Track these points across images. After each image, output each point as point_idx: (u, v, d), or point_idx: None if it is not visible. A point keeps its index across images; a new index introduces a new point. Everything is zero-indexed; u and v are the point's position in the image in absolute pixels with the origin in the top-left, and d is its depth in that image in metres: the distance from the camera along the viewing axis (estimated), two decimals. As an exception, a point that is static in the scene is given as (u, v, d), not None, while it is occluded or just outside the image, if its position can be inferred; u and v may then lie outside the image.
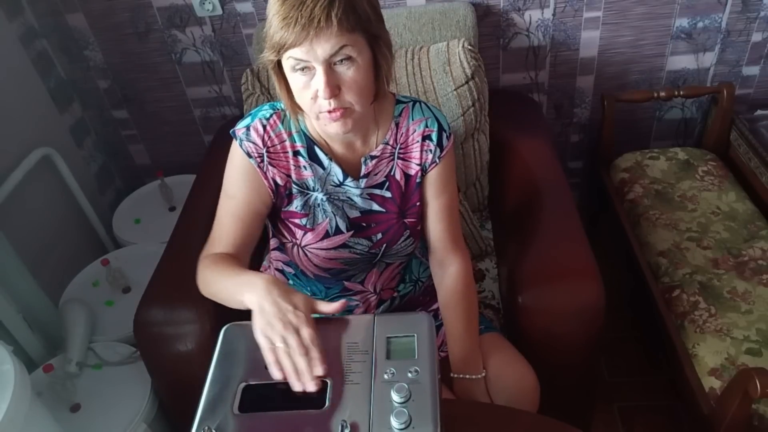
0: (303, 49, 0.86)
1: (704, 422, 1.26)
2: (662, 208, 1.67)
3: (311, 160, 1.04)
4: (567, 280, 1.21)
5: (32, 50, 1.75)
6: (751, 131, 1.75)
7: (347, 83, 0.90)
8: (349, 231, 1.09)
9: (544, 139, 1.60)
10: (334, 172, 1.05)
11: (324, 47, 0.86)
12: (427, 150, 1.07)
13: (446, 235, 1.13)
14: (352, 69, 0.89)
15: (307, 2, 0.84)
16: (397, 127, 1.07)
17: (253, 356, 0.79)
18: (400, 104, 1.08)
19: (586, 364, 1.29)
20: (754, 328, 1.32)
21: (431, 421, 0.69)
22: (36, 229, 1.70)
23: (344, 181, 1.05)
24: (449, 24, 1.59)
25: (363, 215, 1.09)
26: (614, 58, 1.83)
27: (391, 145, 1.07)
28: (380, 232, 1.10)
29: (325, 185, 1.06)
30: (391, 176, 1.08)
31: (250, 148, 1.01)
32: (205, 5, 1.72)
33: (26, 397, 1.11)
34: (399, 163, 1.08)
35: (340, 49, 0.87)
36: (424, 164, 1.08)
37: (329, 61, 0.87)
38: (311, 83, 0.89)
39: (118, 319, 1.60)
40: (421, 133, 1.07)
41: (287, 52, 0.87)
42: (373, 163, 1.06)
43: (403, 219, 1.11)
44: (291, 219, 1.07)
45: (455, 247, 1.14)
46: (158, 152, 2.06)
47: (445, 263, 1.14)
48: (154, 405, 1.43)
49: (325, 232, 1.08)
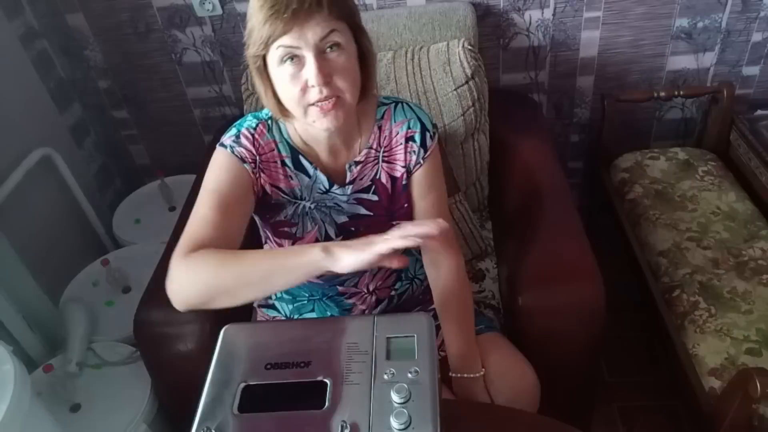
0: (293, 35, 0.85)
1: (704, 422, 1.26)
2: (662, 208, 1.67)
3: (296, 169, 1.03)
4: (567, 280, 1.21)
5: (32, 50, 1.75)
6: (751, 131, 1.75)
7: (338, 69, 0.89)
8: (339, 237, 1.08)
9: (544, 139, 1.60)
10: (320, 179, 1.04)
11: (315, 30, 0.86)
12: (411, 151, 1.06)
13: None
14: (342, 56, 0.89)
15: None
16: (379, 130, 1.06)
17: (253, 356, 0.79)
18: (382, 106, 1.07)
19: (586, 364, 1.29)
20: (754, 328, 1.32)
21: (431, 421, 0.69)
22: (36, 229, 1.69)
23: (330, 188, 1.05)
24: (449, 24, 1.59)
25: (351, 219, 1.08)
26: (614, 58, 1.83)
27: (375, 148, 1.06)
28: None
29: (312, 193, 1.05)
30: (377, 179, 1.08)
31: (243, 153, 0.99)
32: (205, 5, 1.72)
33: (26, 397, 1.11)
34: (384, 166, 1.07)
35: (330, 33, 0.87)
36: (408, 165, 1.07)
37: (319, 47, 0.87)
38: (301, 74, 0.88)
39: (118, 319, 1.59)
40: (404, 135, 1.06)
41: (276, 41, 0.87)
42: (358, 168, 1.06)
43: (391, 222, 1.09)
44: (281, 228, 1.07)
45: (446, 245, 1.13)
46: (158, 152, 2.06)
47: (437, 262, 1.14)
48: (154, 405, 1.43)
49: (315, 241, 1.07)
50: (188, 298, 0.87)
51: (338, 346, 0.79)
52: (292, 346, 0.80)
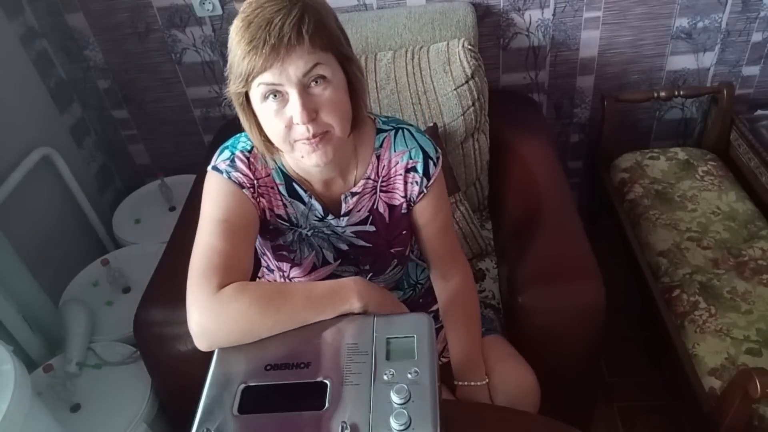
0: (274, 71, 0.80)
1: (704, 422, 1.26)
2: (662, 208, 1.67)
3: (291, 197, 0.99)
4: (567, 280, 1.21)
5: (32, 50, 1.75)
6: (751, 131, 1.75)
7: (324, 104, 0.84)
8: (337, 260, 1.07)
9: (544, 139, 1.60)
10: (315, 208, 1.00)
11: (297, 65, 0.80)
12: (413, 182, 1.01)
13: (446, 251, 1.12)
14: (328, 89, 0.84)
15: (275, 21, 0.78)
16: (378, 160, 1.00)
17: (253, 357, 0.79)
18: (381, 133, 1.01)
19: (586, 364, 1.29)
20: (754, 328, 1.32)
21: (431, 422, 0.69)
22: (36, 229, 1.69)
23: (325, 216, 1.02)
24: (449, 24, 1.59)
25: (350, 248, 1.06)
26: (614, 58, 1.83)
27: (373, 179, 1.01)
28: (368, 264, 1.09)
29: (308, 221, 1.02)
30: (375, 209, 1.03)
31: (240, 179, 0.94)
32: (205, 5, 1.72)
33: (26, 397, 1.11)
34: (381, 195, 1.03)
35: (314, 67, 0.81)
36: (410, 197, 1.03)
37: (303, 82, 0.82)
38: (284, 110, 0.83)
39: (118, 319, 1.60)
40: (404, 166, 1.00)
41: (256, 78, 0.81)
42: (354, 200, 1.01)
43: (389, 249, 1.08)
44: (279, 252, 1.05)
45: (455, 261, 1.13)
46: (158, 152, 2.06)
47: (447, 276, 1.13)
48: (154, 405, 1.43)
49: (312, 265, 1.06)
50: (218, 342, 0.81)
51: (338, 347, 0.79)
52: (292, 347, 0.80)
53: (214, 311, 0.81)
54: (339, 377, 0.75)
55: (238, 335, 0.80)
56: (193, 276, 0.86)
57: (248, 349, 0.80)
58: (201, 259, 0.87)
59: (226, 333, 0.81)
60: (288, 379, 0.76)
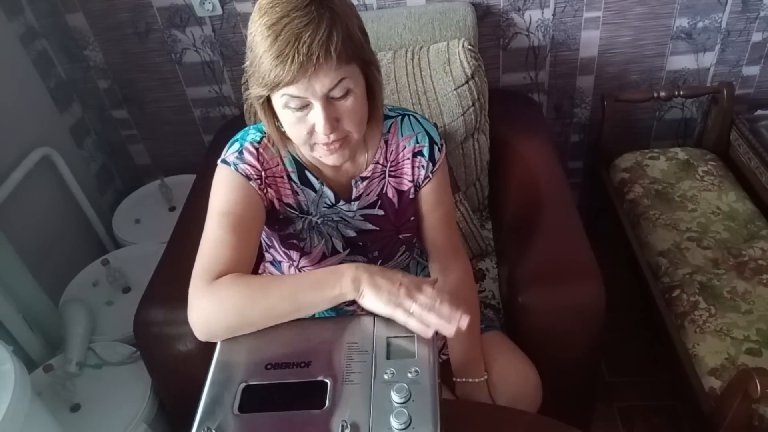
0: (300, 86, 0.82)
1: (704, 422, 1.26)
2: (662, 208, 1.67)
3: (303, 185, 1.01)
4: (567, 280, 1.21)
5: (32, 50, 1.75)
6: (751, 131, 1.75)
7: (345, 113, 0.87)
8: (346, 250, 1.08)
9: (544, 139, 1.60)
10: (326, 194, 1.03)
11: (323, 82, 0.82)
12: (419, 166, 1.05)
13: (446, 244, 1.12)
14: (350, 100, 0.86)
15: (303, 38, 0.78)
16: (386, 145, 1.04)
17: (253, 356, 0.79)
18: (388, 119, 1.04)
19: (586, 364, 1.29)
20: (754, 328, 1.32)
21: (431, 421, 0.69)
22: (36, 229, 1.69)
23: (336, 203, 1.04)
24: (449, 24, 1.59)
25: (358, 234, 1.08)
26: (614, 58, 1.83)
27: (381, 163, 1.04)
28: (377, 250, 1.10)
29: (318, 208, 1.04)
30: (383, 194, 1.06)
31: (248, 171, 0.96)
32: (205, 5, 1.72)
33: (26, 397, 1.11)
34: (390, 180, 1.06)
35: (339, 82, 0.83)
36: (417, 180, 1.06)
37: (327, 96, 0.84)
38: (307, 118, 0.86)
39: (118, 319, 1.60)
40: (411, 150, 1.04)
41: (281, 89, 0.83)
42: (364, 184, 1.04)
43: (398, 235, 1.09)
44: (289, 240, 1.06)
45: (456, 255, 1.14)
46: (158, 152, 2.06)
47: (446, 271, 1.13)
48: (154, 405, 1.43)
49: (322, 254, 1.07)
50: (215, 330, 0.83)
51: (338, 346, 0.79)
52: (293, 346, 0.80)
53: (208, 301, 0.84)
54: (339, 376, 0.75)
55: (232, 320, 0.82)
56: (197, 266, 0.89)
57: (249, 348, 0.80)
58: (204, 250, 0.90)
59: (219, 318, 0.83)
60: (288, 378, 0.76)
